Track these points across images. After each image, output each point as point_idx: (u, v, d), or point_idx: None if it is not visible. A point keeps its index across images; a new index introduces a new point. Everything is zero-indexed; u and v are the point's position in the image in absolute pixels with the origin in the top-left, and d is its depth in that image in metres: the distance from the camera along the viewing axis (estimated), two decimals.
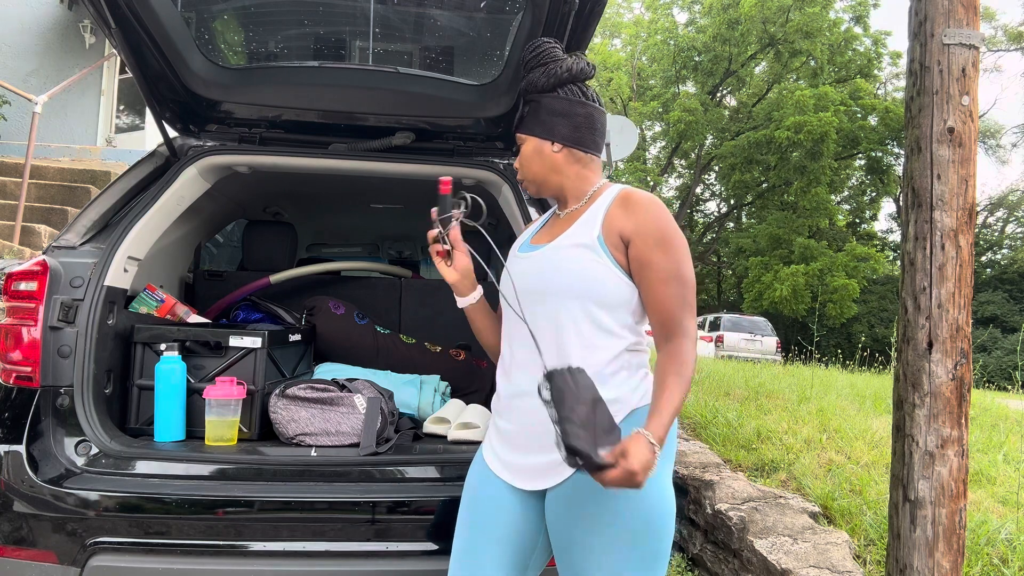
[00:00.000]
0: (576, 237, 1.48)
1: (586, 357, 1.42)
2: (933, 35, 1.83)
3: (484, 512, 1.53)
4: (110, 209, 2.20)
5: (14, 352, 1.93)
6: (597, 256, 1.44)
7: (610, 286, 1.43)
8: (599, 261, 1.44)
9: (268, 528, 1.80)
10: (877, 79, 26.07)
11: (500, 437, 1.57)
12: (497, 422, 1.59)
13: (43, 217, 6.66)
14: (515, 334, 1.53)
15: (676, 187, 30.58)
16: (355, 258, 4.62)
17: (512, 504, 1.51)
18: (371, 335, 2.92)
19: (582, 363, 1.39)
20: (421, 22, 2.39)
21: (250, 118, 2.53)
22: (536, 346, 1.43)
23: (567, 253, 1.47)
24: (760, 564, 2.53)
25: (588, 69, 1.54)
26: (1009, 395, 7.72)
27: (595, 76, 1.72)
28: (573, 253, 1.46)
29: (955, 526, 1.78)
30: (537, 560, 1.54)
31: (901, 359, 1.88)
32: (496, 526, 1.51)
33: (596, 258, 1.44)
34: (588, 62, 1.55)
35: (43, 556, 1.78)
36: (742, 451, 3.77)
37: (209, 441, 2.07)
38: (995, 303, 23.84)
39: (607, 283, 1.43)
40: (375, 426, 2.13)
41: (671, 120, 24.48)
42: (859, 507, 2.90)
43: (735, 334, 17.35)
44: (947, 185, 1.80)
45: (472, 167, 2.48)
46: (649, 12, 28.35)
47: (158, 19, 2.09)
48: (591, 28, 1.99)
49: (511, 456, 1.53)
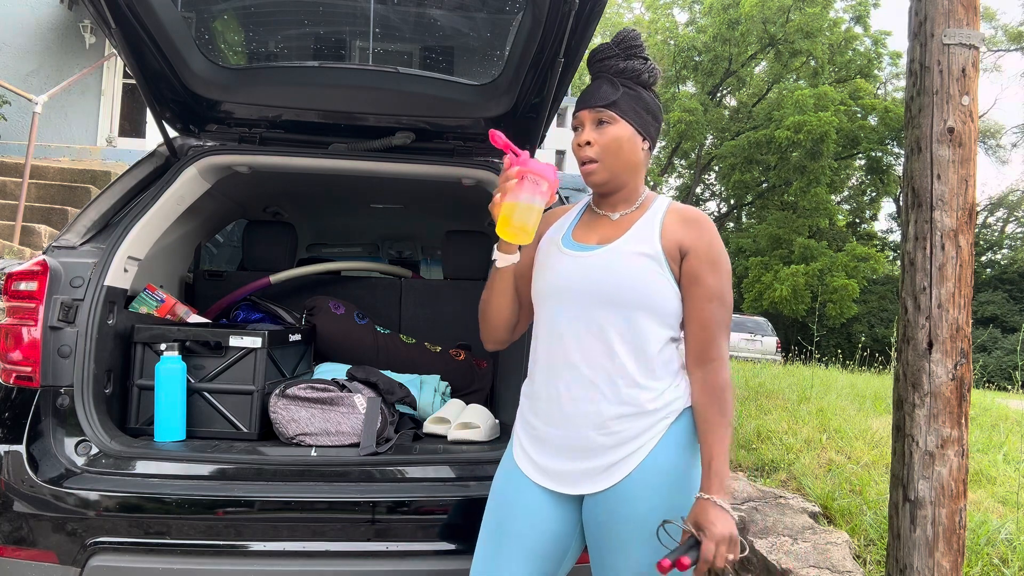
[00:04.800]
0: (638, 245, 1.44)
1: (640, 367, 1.42)
2: (933, 35, 1.83)
3: (514, 520, 1.48)
4: (110, 209, 2.20)
5: (14, 352, 1.93)
6: (661, 269, 1.42)
7: (670, 301, 1.43)
8: (662, 274, 1.42)
9: (268, 528, 1.80)
10: (877, 79, 26.06)
11: (535, 440, 1.51)
12: (532, 423, 1.53)
13: (43, 217, 6.66)
14: (566, 332, 1.46)
15: (676, 187, 30.57)
16: (355, 258, 4.62)
17: (546, 511, 1.47)
18: (371, 335, 2.92)
19: (636, 373, 1.41)
20: (421, 22, 2.38)
21: (250, 118, 2.53)
22: (601, 351, 1.42)
23: (633, 262, 1.43)
24: (760, 564, 2.53)
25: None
26: (1009, 395, 7.72)
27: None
28: (639, 263, 1.42)
29: (955, 526, 1.78)
30: (568, 562, 1.52)
31: (901, 359, 1.88)
32: (526, 535, 1.46)
33: (660, 271, 1.42)
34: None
35: (43, 556, 1.78)
36: (742, 451, 3.77)
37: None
38: (995, 303, 23.83)
39: (670, 298, 1.43)
40: (375, 426, 2.13)
41: (671, 120, 24.46)
42: (859, 507, 2.90)
43: (735, 334, 17.29)
44: (947, 185, 1.80)
45: (472, 167, 2.48)
46: (649, 12, 28.36)
47: (158, 19, 2.09)
48: (591, 28, 1.99)
49: (549, 461, 1.48)
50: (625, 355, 1.42)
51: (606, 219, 1.54)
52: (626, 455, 1.41)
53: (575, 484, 1.45)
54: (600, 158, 1.46)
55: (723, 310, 1.43)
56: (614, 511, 1.40)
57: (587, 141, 1.47)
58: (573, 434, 1.44)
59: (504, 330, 1.61)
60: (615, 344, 1.42)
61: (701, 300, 1.42)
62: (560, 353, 1.47)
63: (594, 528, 1.44)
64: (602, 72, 1.50)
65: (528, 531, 1.46)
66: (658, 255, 1.43)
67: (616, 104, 1.46)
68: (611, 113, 1.46)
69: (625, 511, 1.39)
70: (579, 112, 1.50)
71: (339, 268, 3.26)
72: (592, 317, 1.43)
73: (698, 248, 1.43)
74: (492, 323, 1.60)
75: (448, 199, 3.18)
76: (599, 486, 1.42)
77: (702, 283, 1.42)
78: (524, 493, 1.49)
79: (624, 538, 1.39)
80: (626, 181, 1.51)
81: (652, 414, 1.42)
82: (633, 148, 1.48)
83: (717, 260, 1.43)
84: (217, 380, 2.23)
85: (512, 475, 1.53)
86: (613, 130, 1.46)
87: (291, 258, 3.19)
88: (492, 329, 1.62)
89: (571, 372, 1.45)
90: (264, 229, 3.19)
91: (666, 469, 1.40)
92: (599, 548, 1.43)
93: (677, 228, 1.45)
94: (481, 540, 1.52)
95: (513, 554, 1.45)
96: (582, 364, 1.44)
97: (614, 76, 1.48)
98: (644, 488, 1.39)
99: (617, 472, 1.41)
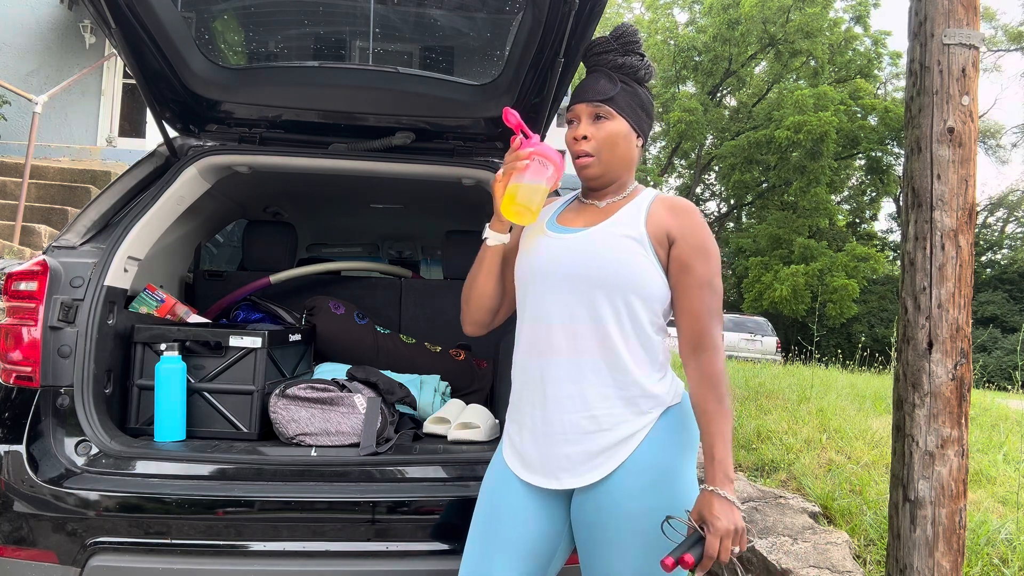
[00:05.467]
0: (623, 228, 1.44)
1: (624, 349, 1.41)
2: (933, 35, 1.83)
3: (501, 519, 1.47)
4: (110, 209, 2.20)
5: (14, 352, 1.93)
6: (644, 251, 1.42)
7: (654, 283, 1.42)
8: (646, 256, 1.42)
9: (268, 528, 1.80)
10: (877, 79, 26.06)
11: (520, 427, 1.50)
12: (517, 406, 1.52)
13: (43, 217, 6.67)
14: (549, 313, 1.44)
15: (676, 187, 30.57)
16: (355, 258, 4.62)
17: (534, 510, 1.46)
18: (371, 335, 2.92)
19: (619, 355, 1.40)
20: (421, 22, 2.38)
21: (250, 118, 2.53)
22: (575, 334, 1.41)
23: (615, 243, 1.42)
24: (760, 564, 2.53)
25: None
26: (1009, 395, 7.72)
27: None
28: (622, 243, 1.42)
29: (955, 526, 1.78)
30: (556, 563, 1.51)
31: (901, 359, 1.88)
32: (514, 535, 1.45)
33: (644, 252, 1.42)
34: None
35: (43, 556, 1.78)
36: (742, 451, 3.77)
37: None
38: (995, 303, 23.83)
39: (654, 279, 1.42)
40: (375, 426, 2.13)
41: (671, 120, 24.47)
42: (859, 507, 2.90)
43: (735, 334, 17.32)
44: (947, 185, 1.80)
45: (472, 167, 2.48)
46: (649, 12, 28.33)
47: (158, 19, 2.09)
48: (591, 28, 1.99)
49: (531, 448, 1.46)
50: (608, 336, 1.41)
51: (592, 207, 1.54)
52: (608, 445, 1.40)
53: (558, 476, 1.43)
54: (596, 153, 1.47)
55: (714, 297, 1.42)
56: (602, 510, 1.39)
57: (584, 135, 1.47)
58: (556, 418, 1.43)
59: (485, 311, 1.60)
60: (597, 325, 1.41)
61: (692, 288, 1.42)
62: (543, 335, 1.46)
63: (583, 528, 1.43)
64: (599, 66, 1.50)
65: (516, 530, 1.45)
66: (642, 238, 1.42)
67: (614, 100, 1.46)
68: (609, 108, 1.46)
69: (613, 510, 1.38)
70: (575, 105, 1.50)
71: (339, 268, 3.26)
72: (575, 298, 1.42)
73: (686, 235, 1.43)
74: (474, 303, 1.60)
75: (448, 199, 3.18)
76: (583, 480, 1.40)
77: (692, 271, 1.42)
78: (512, 492, 1.48)
79: (613, 538, 1.38)
80: (619, 176, 1.52)
81: (637, 402, 1.41)
82: (628, 144, 1.49)
83: (706, 248, 1.43)
84: (217, 380, 2.23)
85: (501, 474, 1.52)
86: (610, 126, 1.46)
87: (291, 258, 3.19)
88: (474, 310, 1.61)
89: (554, 354, 1.44)
90: (264, 229, 3.19)
91: (654, 467, 1.39)
92: (588, 549, 1.42)
93: (664, 215, 1.45)
94: (470, 539, 1.52)
95: (501, 553, 1.44)
96: (565, 346, 1.43)
97: (612, 71, 1.48)
98: (632, 487, 1.38)
99: (603, 467, 1.39)
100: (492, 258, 1.56)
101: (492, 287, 1.58)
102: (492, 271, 1.57)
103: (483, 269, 1.57)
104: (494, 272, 1.57)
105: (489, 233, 1.55)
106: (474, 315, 1.62)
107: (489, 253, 1.56)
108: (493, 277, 1.58)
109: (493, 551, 1.45)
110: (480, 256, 1.58)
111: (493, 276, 1.58)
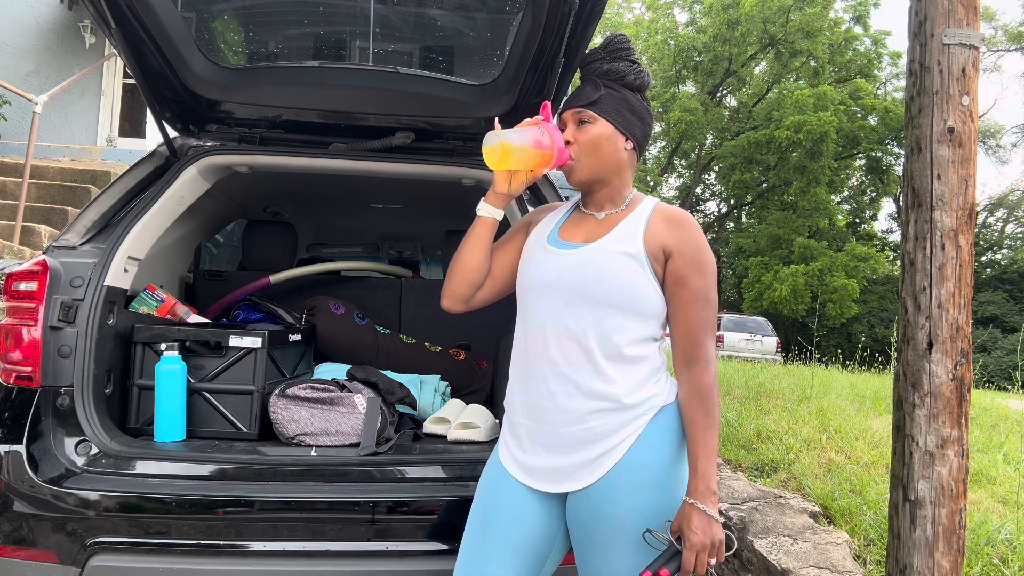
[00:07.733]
0: (622, 244, 1.46)
1: (616, 364, 1.43)
2: (933, 35, 1.82)
3: (498, 518, 1.49)
4: (110, 209, 2.20)
5: (14, 352, 1.93)
6: (642, 269, 1.43)
7: (651, 300, 1.44)
8: (643, 274, 1.43)
9: (268, 528, 1.80)
10: (877, 79, 26.06)
11: (516, 437, 1.53)
12: (514, 420, 1.54)
13: (43, 217, 6.67)
14: (545, 328, 1.47)
15: (676, 187, 30.58)
16: (355, 258, 4.62)
17: (530, 509, 1.48)
18: (371, 335, 2.92)
19: (612, 370, 1.42)
20: (421, 22, 2.38)
21: (250, 118, 2.53)
22: (579, 348, 1.43)
23: (615, 260, 1.44)
24: (760, 564, 2.53)
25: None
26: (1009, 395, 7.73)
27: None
28: (620, 262, 1.44)
29: (955, 526, 1.78)
30: (552, 562, 1.52)
31: (901, 359, 1.88)
32: (510, 534, 1.47)
33: (641, 270, 1.43)
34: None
35: (43, 556, 1.78)
36: (742, 451, 3.77)
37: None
38: (995, 303, 23.83)
39: (651, 297, 1.44)
40: (375, 426, 2.13)
41: (671, 120, 24.47)
42: (859, 507, 2.90)
43: (735, 334, 17.33)
44: (947, 185, 1.80)
45: (472, 167, 2.48)
46: (649, 12, 28.34)
47: (158, 19, 2.09)
48: (591, 28, 1.99)
49: (530, 458, 1.49)
50: (600, 352, 1.43)
51: (592, 218, 1.55)
52: (604, 451, 1.41)
53: (556, 482, 1.45)
54: (578, 156, 1.49)
55: (708, 311, 1.44)
56: (596, 510, 1.41)
57: (567, 140, 1.49)
58: (551, 430, 1.45)
59: (466, 284, 1.60)
60: (592, 341, 1.43)
61: (686, 302, 1.43)
62: (540, 348, 1.48)
63: (578, 528, 1.44)
64: (588, 75, 1.54)
65: (511, 529, 1.47)
66: (639, 255, 1.44)
67: (596, 104, 1.48)
68: (591, 112, 1.48)
69: (607, 510, 1.40)
70: (563, 114, 1.54)
71: (339, 268, 3.26)
72: (571, 313, 1.44)
73: (683, 250, 1.44)
74: (457, 276, 1.60)
75: (448, 199, 3.18)
76: (580, 483, 1.42)
77: (687, 285, 1.43)
78: (508, 492, 1.50)
79: (608, 538, 1.40)
80: (608, 180, 1.52)
81: (629, 409, 1.42)
82: (614, 147, 1.49)
83: (702, 261, 1.44)
84: (217, 380, 2.23)
85: (498, 474, 1.54)
86: (592, 129, 1.48)
87: (291, 258, 3.19)
88: (456, 283, 1.61)
89: (550, 368, 1.46)
90: (264, 229, 3.19)
91: (646, 467, 1.40)
92: (583, 549, 1.44)
93: (661, 229, 1.46)
94: (466, 538, 1.53)
95: (496, 552, 1.46)
96: (560, 360, 1.45)
97: (598, 77, 1.51)
98: (625, 487, 1.39)
99: (597, 469, 1.41)
100: (480, 231, 1.57)
101: (477, 261, 1.58)
102: (478, 244, 1.57)
103: (470, 239, 1.58)
104: (479, 246, 1.58)
105: (483, 205, 1.57)
106: (454, 287, 1.61)
107: (478, 225, 1.57)
108: (478, 251, 1.58)
109: (488, 550, 1.47)
110: (471, 229, 1.59)
111: (478, 250, 1.58)
